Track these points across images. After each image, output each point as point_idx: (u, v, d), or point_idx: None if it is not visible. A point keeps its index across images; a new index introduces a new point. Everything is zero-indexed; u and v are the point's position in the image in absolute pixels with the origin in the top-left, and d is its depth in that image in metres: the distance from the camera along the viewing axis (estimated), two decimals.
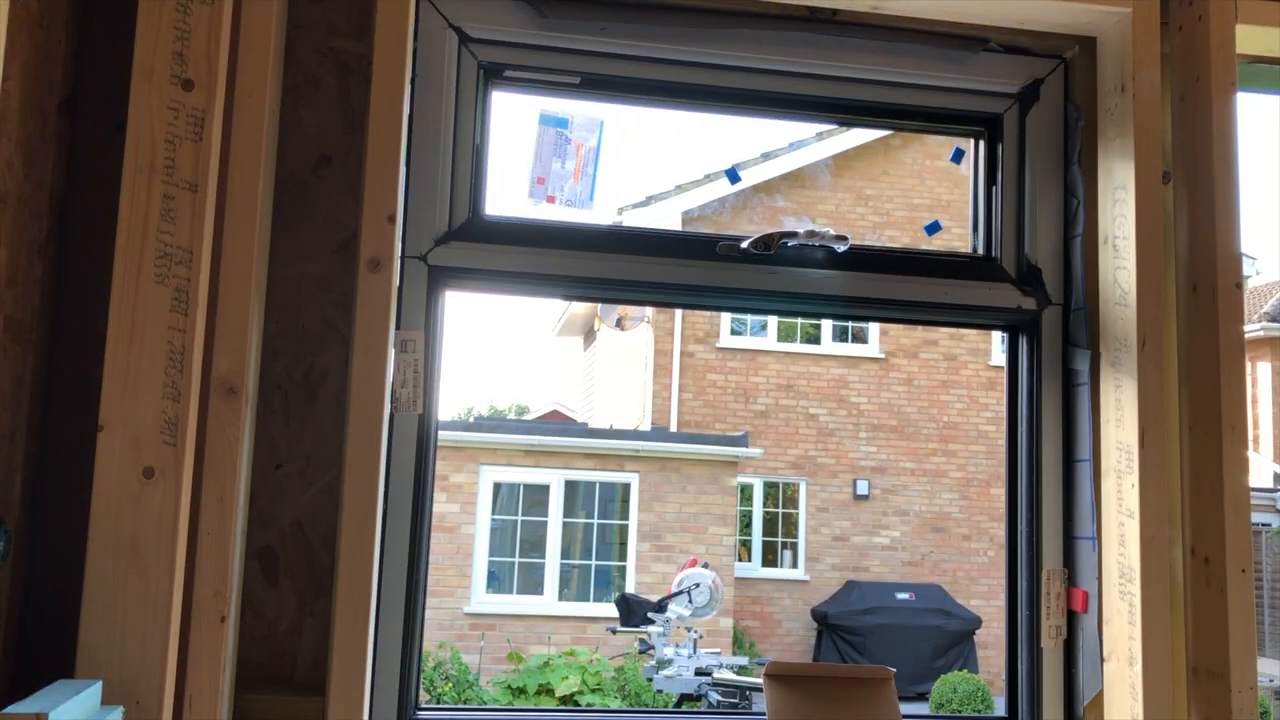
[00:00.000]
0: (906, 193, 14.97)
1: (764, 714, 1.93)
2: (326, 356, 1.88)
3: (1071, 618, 2.05)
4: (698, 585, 9.46)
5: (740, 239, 2.07)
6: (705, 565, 10.67)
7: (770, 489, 14.82)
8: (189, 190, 1.60)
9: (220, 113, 1.64)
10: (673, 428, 14.19)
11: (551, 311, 24.13)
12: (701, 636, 9.64)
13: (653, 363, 14.64)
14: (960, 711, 10.59)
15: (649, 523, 12.42)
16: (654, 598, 9.97)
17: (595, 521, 12.62)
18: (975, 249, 2.23)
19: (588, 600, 12.41)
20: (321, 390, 1.87)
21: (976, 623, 13.21)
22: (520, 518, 12.49)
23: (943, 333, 14.80)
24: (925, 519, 14.75)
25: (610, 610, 10.95)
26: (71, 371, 1.73)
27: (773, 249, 2.06)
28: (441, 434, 2.25)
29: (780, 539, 14.75)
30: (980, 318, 2.17)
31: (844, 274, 2.09)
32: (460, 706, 7.57)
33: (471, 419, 20.12)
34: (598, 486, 12.61)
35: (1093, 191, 2.10)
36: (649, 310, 14.38)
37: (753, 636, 13.62)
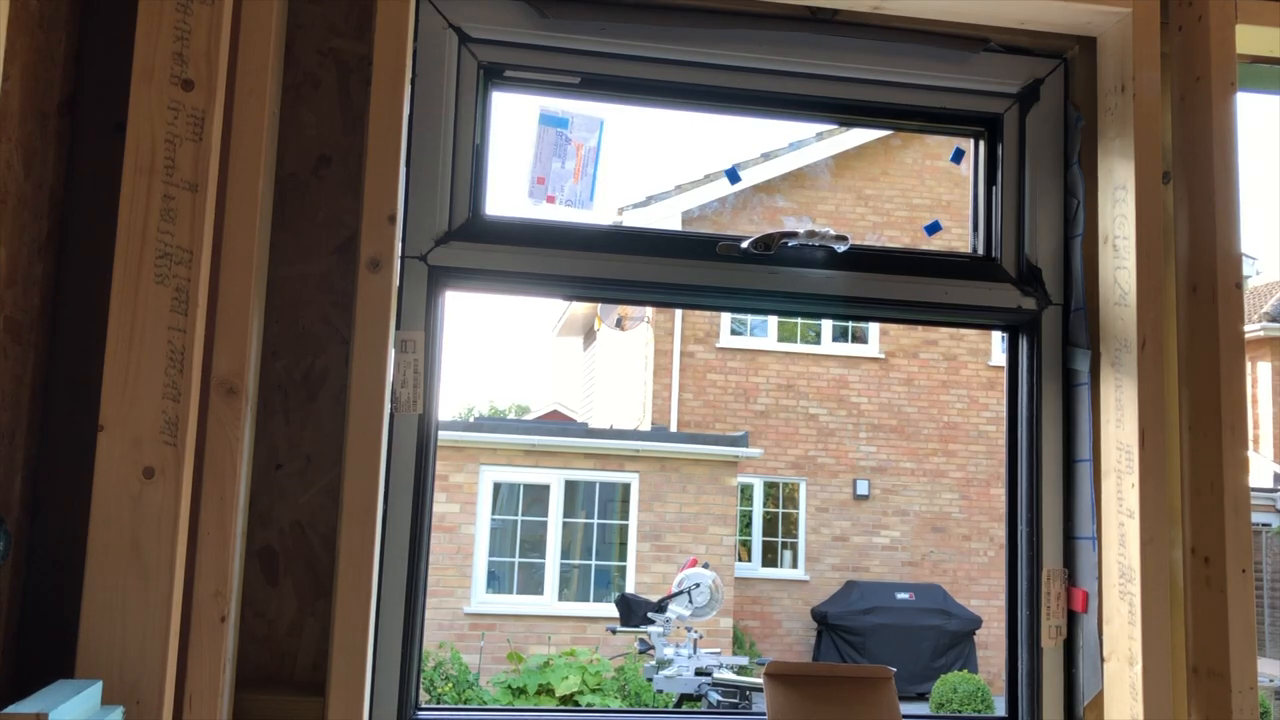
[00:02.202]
0: (906, 193, 14.97)
1: (764, 714, 1.93)
2: (326, 356, 1.88)
3: (1071, 618, 2.05)
4: (698, 585, 9.46)
5: (740, 239, 2.07)
6: (705, 565, 10.68)
7: (770, 489, 14.82)
8: (189, 190, 1.60)
9: (220, 113, 1.64)
10: (673, 428, 14.19)
11: (551, 311, 24.15)
12: (701, 636, 9.64)
13: (653, 363, 14.64)
14: (960, 711, 10.59)
15: (649, 523, 12.42)
16: (654, 598, 9.97)
17: (595, 521, 12.62)
18: (975, 249, 2.23)
19: (588, 600, 12.41)
20: (321, 390, 1.87)
21: (976, 623, 13.22)
22: (520, 518, 12.49)
23: (943, 333, 14.80)
24: (925, 519, 14.75)
25: (610, 610, 10.95)
26: (71, 371, 1.73)
27: (773, 249, 2.06)
28: (441, 434, 2.25)
29: (780, 539, 14.75)
30: (980, 318, 2.17)
31: (844, 274, 2.09)
32: (460, 706, 7.57)
33: (471, 419, 20.12)
34: (598, 486, 12.61)
35: (1093, 191, 2.10)
36: (649, 310, 14.38)
37: (753, 636, 13.62)
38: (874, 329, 15.12)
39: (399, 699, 1.85)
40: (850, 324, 14.81)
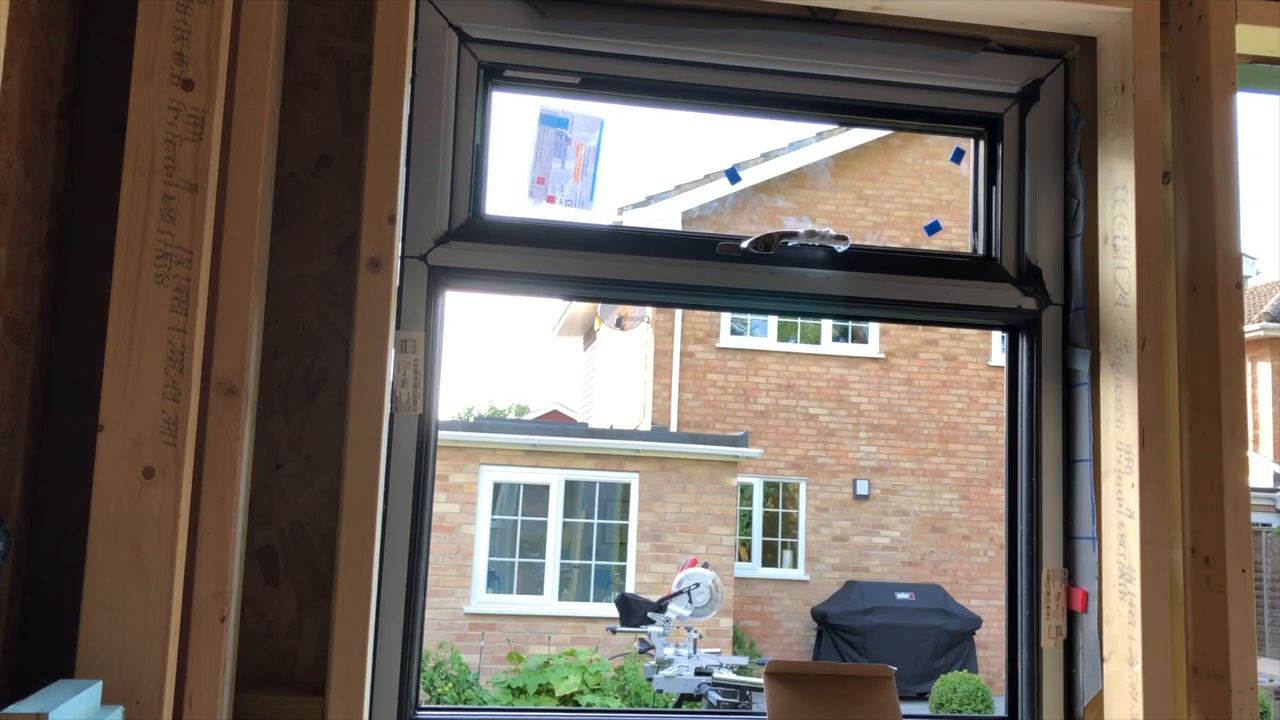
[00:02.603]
0: (906, 193, 14.97)
1: (764, 714, 1.93)
2: (326, 356, 1.88)
3: (1071, 618, 2.05)
4: (698, 585, 9.46)
5: (740, 239, 2.07)
6: (705, 565, 10.68)
7: (770, 489, 14.82)
8: (189, 190, 1.60)
9: (220, 113, 1.64)
10: (673, 428, 14.19)
11: (551, 311, 24.16)
12: (701, 636, 9.64)
13: (653, 363, 14.64)
14: (960, 711, 10.59)
15: (649, 523, 12.42)
16: (654, 598, 9.97)
17: (595, 521, 12.62)
18: (975, 249, 2.23)
19: (588, 600, 12.41)
20: (321, 390, 1.87)
21: (976, 623, 13.22)
22: (520, 518, 12.49)
23: (943, 333, 14.79)
24: (925, 519, 14.75)
25: (610, 610, 10.95)
26: (71, 371, 1.73)
27: (773, 249, 2.06)
28: (441, 434, 2.25)
29: (780, 539, 14.75)
30: (980, 318, 2.17)
31: (844, 274, 2.09)
32: (460, 706, 7.57)
33: (471, 419, 20.12)
34: (598, 486, 12.61)
35: (1093, 191, 2.10)
36: (649, 310, 14.38)
37: (753, 636, 13.62)
38: (874, 329, 15.12)
39: (399, 699, 1.85)
40: (850, 324, 14.81)
